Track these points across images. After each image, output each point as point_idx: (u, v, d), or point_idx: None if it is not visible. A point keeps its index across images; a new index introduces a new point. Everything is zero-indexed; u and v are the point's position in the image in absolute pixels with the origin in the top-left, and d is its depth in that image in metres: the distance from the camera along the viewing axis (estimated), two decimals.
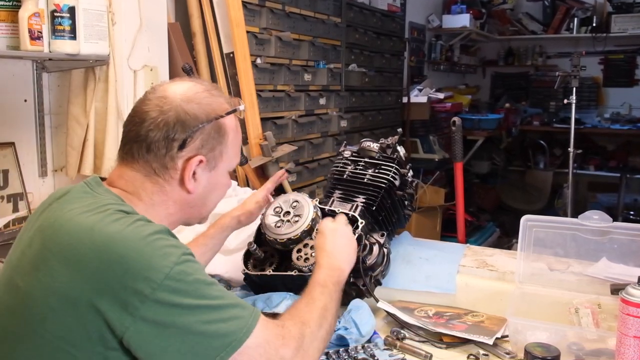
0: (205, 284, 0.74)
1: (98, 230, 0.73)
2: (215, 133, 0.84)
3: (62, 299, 0.70)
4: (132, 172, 0.83)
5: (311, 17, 2.57)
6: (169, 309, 0.70)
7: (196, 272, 0.74)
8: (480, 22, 4.84)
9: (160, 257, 0.72)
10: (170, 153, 0.81)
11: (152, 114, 0.81)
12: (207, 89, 0.86)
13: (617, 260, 1.21)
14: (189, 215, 0.90)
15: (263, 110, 2.21)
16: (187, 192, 0.85)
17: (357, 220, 1.22)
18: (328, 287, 0.92)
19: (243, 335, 0.73)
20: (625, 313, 0.90)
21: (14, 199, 1.53)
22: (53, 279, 0.71)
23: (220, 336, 0.72)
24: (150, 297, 0.69)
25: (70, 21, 1.42)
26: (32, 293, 0.73)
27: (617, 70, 5.10)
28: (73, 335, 0.70)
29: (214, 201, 0.92)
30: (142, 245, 0.72)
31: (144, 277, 0.69)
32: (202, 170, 0.84)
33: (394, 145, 1.41)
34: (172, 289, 0.70)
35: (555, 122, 5.05)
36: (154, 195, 0.83)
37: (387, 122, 3.45)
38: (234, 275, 1.37)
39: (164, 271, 0.70)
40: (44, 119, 1.62)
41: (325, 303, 0.89)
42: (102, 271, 0.70)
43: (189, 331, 0.70)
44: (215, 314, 0.73)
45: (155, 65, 1.70)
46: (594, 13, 4.92)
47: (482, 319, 1.21)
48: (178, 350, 0.70)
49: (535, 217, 1.22)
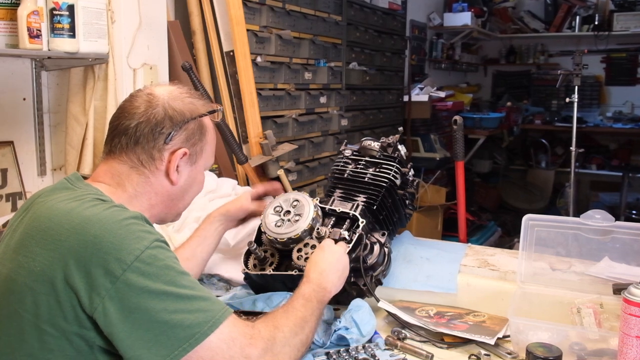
0: (175, 271, 0.76)
1: (75, 213, 0.77)
2: (198, 130, 0.91)
3: (40, 278, 0.73)
4: (119, 165, 0.88)
5: (312, 15, 2.57)
6: (137, 292, 0.71)
7: (167, 259, 0.76)
8: (482, 20, 4.83)
9: (133, 240, 0.74)
10: (157, 145, 0.87)
11: (141, 109, 0.87)
12: (188, 91, 0.94)
13: (619, 260, 1.20)
14: (169, 209, 0.94)
15: (263, 109, 2.20)
16: (170, 184, 0.90)
17: (358, 219, 1.21)
18: (312, 302, 0.93)
19: (208, 329, 0.73)
20: (627, 313, 0.89)
21: (12, 198, 1.53)
22: (32, 261, 0.75)
23: (184, 327, 0.72)
24: (120, 278, 0.71)
25: (70, 19, 1.41)
26: (13, 276, 0.76)
27: (619, 68, 5.09)
28: (50, 315, 0.72)
29: (191, 196, 0.97)
30: (116, 228, 0.75)
31: (115, 257, 0.72)
32: (184, 164, 0.91)
33: (395, 144, 1.40)
34: (141, 271, 0.72)
35: (557, 121, 5.04)
36: (138, 186, 0.88)
37: (388, 121, 3.44)
38: (234, 274, 1.37)
39: (135, 253, 0.73)
40: (43, 117, 1.62)
41: (305, 315, 0.89)
42: (77, 250, 0.73)
43: (154, 318, 0.71)
44: (182, 303, 0.73)
45: (154, 63, 1.69)
46: (596, 11, 4.91)
47: (484, 318, 1.20)
48: (141, 337, 0.71)
49: (537, 217, 1.22)
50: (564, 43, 5.24)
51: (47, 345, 0.73)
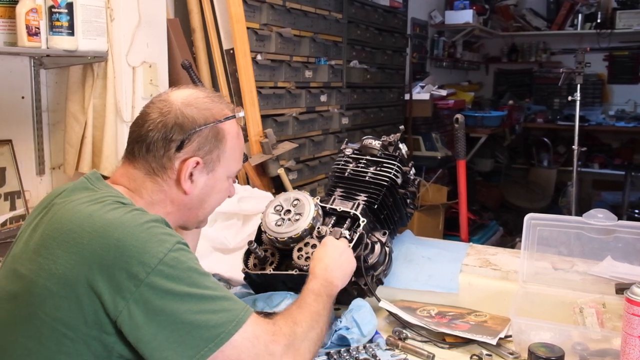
0: (198, 273, 0.76)
1: (97, 216, 0.77)
2: (213, 137, 0.88)
3: (61, 281, 0.73)
4: (134, 171, 0.87)
5: (312, 12, 2.56)
6: (161, 294, 0.72)
7: (190, 261, 0.76)
8: (484, 18, 4.82)
9: (155, 242, 0.74)
10: (168, 154, 0.85)
11: (152, 116, 0.86)
12: (208, 95, 0.91)
13: (622, 259, 1.20)
14: (187, 218, 0.93)
15: (263, 107, 2.19)
16: (183, 193, 0.88)
17: (359, 218, 1.21)
18: (322, 296, 0.94)
19: (232, 328, 0.74)
20: (630, 313, 0.89)
21: (11, 197, 1.52)
22: (54, 263, 0.74)
23: (209, 327, 0.73)
24: (144, 281, 0.71)
25: (68, 17, 1.41)
26: (33, 278, 0.75)
27: (622, 66, 5.07)
28: (70, 319, 0.72)
29: (212, 205, 0.95)
30: (138, 231, 0.75)
31: (139, 260, 0.72)
32: (199, 173, 0.88)
33: (396, 142, 1.40)
34: (165, 274, 0.72)
35: (559, 120, 5.03)
36: (153, 194, 0.87)
37: (389, 120, 3.43)
38: (234, 274, 1.37)
39: (159, 256, 0.73)
40: (42, 116, 1.62)
41: (318, 309, 0.90)
42: (100, 254, 0.73)
43: (179, 320, 0.72)
44: (206, 304, 0.74)
45: (154, 61, 1.69)
46: (599, 9, 4.89)
47: (485, 318, 1.20)
48: (167, 338, 0.71)
49: (539, 216, 1.21)
50: (566, 41, 5.22)
51: (65, 349, 0.73)
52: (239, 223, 1.51)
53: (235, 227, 1.50)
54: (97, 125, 1.60)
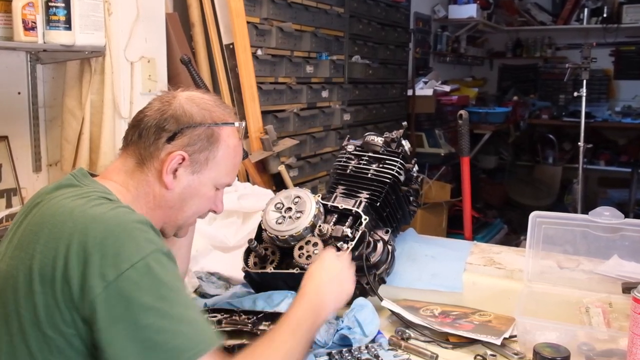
0: (168, 287, 0.72)
1: (80, 211, 0.76)
2: (206, 137, 0.87)
3: (40, 277, 0.72)
4: (125, 160, 0.87)
5: (313, 7, 2.53)
6: (125, 302, 0.69)
7: (164, 273, 0.73)
8: (488, 12, 4.78)
9: (133, 246, 0.72)
10: (157, 142, 0.85)
11: (154, 105, 0.88)
12: (215, 100, 0.92)
13: (628, 258, 1.19)
14: (167, 218, 0.90)
15: (264, 103, 2.17)
16: (165, 187, 0.87)
17: (361, 216, 1.20)
18: (303, 326, 0.84)
19: (187, 358, 0.69)
20: (637, 312, 0.88)
21: (7, 195, 1.51)
22: (33, 258, 0.74)
23: (165, 350, 0.69)
24: (111, 283, 0.70)
25: (65, 11, 1.39)
26: (14, 273, 0.75)
27: (628, 62, 5.02)
28: (48, 316, 0.71)
29: (192, 209, 0.91)
30: (119, 231, 0.73)
31: (111, 262, 0.71)
32: (184, 170, 0.87)
33: (399, 139, 1.39)
34: (133, 281, 0.70)
35: (565, 116, 5.00)
36: (139, 186, 0.87)
37: (391, 116, 3.41)
38: (234, 273, 1.36)
39: (132, 261, 0.71)
40: (38, 112, 1.60)
41: (292, 346, 0.80)
42: (77, 249, 0.72)
43: (137, 335, 0.69)
44: (168, 323, 0.70)
45: (152, 56, 1.67)
46: (605, 3, 4.86)
47: (490, 318, 1.19)
48: (124, 348, 0.69)
49: (544, 214, 1.21)
50: (572, 36, 5.18)
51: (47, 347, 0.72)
52: (239, 221, 1.50)
53: (235, 225, 1.49)
54: (95, 122, 1.58)
